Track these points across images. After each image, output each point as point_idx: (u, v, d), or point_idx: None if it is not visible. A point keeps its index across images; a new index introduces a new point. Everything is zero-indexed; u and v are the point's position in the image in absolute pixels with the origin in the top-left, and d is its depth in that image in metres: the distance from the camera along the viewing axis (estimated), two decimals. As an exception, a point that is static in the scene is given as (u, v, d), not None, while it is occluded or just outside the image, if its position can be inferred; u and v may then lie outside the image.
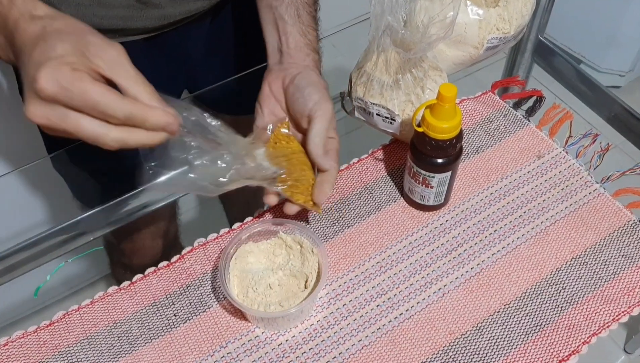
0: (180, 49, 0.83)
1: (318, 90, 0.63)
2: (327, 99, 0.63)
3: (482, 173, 0.73)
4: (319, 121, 0.62)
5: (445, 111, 0.59)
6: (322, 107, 0.62)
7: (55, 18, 0.48)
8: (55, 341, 0.61)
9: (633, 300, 0.62)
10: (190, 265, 0.66)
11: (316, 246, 0.62)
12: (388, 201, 0.71)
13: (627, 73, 1.80)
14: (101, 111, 0.45)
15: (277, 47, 0.67)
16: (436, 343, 0.60)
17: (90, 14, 0.67)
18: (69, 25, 0.48)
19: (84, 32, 0.47)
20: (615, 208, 0.69)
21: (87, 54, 0.45)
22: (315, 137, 0.62)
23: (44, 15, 0.48)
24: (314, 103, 0.62)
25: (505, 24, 0.73)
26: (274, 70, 0.67)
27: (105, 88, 0.45)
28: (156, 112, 0.47)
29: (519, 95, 0.81)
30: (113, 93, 0.45)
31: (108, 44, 0.47)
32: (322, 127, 0.62)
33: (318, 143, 0.62)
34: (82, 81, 0.44)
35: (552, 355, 0.59)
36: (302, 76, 0.64)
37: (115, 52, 0.47)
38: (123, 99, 0.45)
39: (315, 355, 0.60)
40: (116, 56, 0.47)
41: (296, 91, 0.64)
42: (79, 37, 0.46)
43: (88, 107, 0.44)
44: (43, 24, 0.47)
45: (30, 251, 0.69)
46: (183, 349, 0.60)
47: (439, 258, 0.66)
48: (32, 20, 0.48)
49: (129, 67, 0.47)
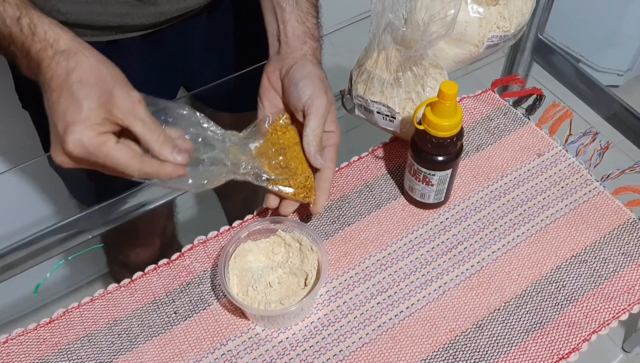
0: (177, 46, 0.83)
1: (312, 83, 0.62)
2: (320, 92, 0.62)
3: (482, 171, 0.73)
4: (312, 118, 0.61)
5: (447, 108, 0.59)
6: (315, 103, 0.61)
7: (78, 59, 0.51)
8: (55, 338, 0.61)
9: (633, 298, 0.62)
10: (191, 262, 0.66)
11: (316, 244, 0.62)
12: (388, 199, 0.71)
13: (626, 72, 1.80)
14: (121, 171, 0.52)
15: (276, 36, 0.67)
16: (437, 341, 0.60)
17: (86, 11, 0.67)
18: (92, 72, 0.52)
19: (106, 81, 0.52)
20: (615, 206, 0.70)
21: (107, 105, 0.51)
22: (308, 134, 0.62)
23: (66, 50, 0.52)
24: (307, 98, 0.62)
25: (506, 22, 0.73)
26: (272, 61, 0.67)
27: (124, 151, 0.51)
28: (167, 169, 0.53)
29: (519, 93, 0.81)
30: (131, 156, 0.52)
31: (126, 94, 0.52)
32: (316, 124, 0.62)
33: (311, 140, 0.62)
34: (105, 145, 0.51)
35: (552, 353, 0.59)
36: (296, 68, 0.63)
37: (131, 102, 0.52)
38: (140, 160, 0.52)
39: (315, 352, 0.60)
40: (132, 106, 0.52)
41: (290, 84, 0.63)
42: (101, 88, 0.51)
43: (110, 167, 0.52)
44: (67, 68, 0.51)
45: (30, 248, 0.69)
46: (183, 347, 0.60)
47: (440, 256, 0.66)
48: (55, 56, 0.51)
49: (143, 116, 0.52)
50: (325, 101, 0.62)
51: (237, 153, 0.61)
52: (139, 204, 0.76)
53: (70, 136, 0.50)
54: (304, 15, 0.67)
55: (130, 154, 0.52)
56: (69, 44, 0.52)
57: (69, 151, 0.51)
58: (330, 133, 0.65)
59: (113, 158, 0.51)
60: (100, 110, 0.51)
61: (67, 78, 0.51)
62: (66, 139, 0.50)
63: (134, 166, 0.52)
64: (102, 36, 0.71)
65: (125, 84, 0.53)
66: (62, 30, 0.53)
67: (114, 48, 0.73)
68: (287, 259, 0.64)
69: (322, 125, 0.62)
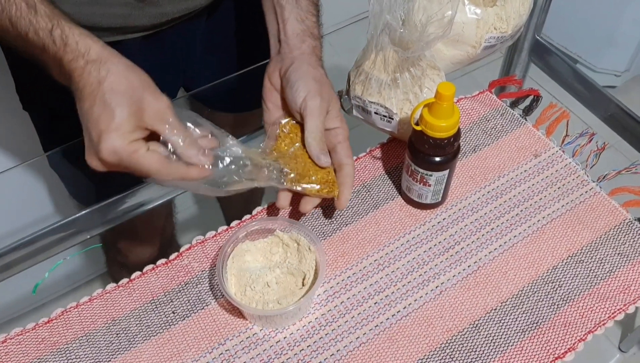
0: (178, 47, 0.83)
1: (305, 84, 0.62)
2: (314, 93, 0.62)
3: (479, 172, 0.74)
4: (309, 119, 0.62)
5: (444, 109, 0.59)
6: (309, 104, 0.61)
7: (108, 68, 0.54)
8: (53, 338, 0.61)
9: (629, 298, 0.63)
10: (189, 262, 0.66)
11: (313, 244, 0.62)
12: (386, 199, 0.71)
13: (623, 73, 1.81)
14: (151, 177, 0.55)
15: (277, 36, 0.67)
16: (433, 341, 0.60)
17: (88, 12, 0.67)
18: (122, 80, 0.54)
19: (136, 88, 0.54)
20: (611, 206, 0.70)
21: (138, 112, 0.53)
22: (307, 137, 0.62)
23: (97, 59, 0.54)
24: (301, 100, 0.62)
25: (503, 23, 0.73)
26: (272, 61, 0.67)
27: (155, 159, 0.54)
28: (193, 172, 0.56)
29: (516, 94, 0.81)
30: (161, 163, 0.54)
31: (156, 99, 0.55)
32: (313, 125, 0.62)
33: (310, 142, 0.62)
34: (137, 153, 0.53)
35: (548, 353, 0.59)
36: (293, 69, 0.63)
37: (160, 107, 0.55)
38: (167, 166, 0.55)
39: (313, 352, 0.60)
40: (160, 111, 0.54)
41: (287, 86, 0.64)
42: (132, 95, 0.54)
43: (141, 173, 0.55)
44: (98, 77, 0.53)
45: (29, 248, 0.69)
46: (181, 346, 0.60)
47: (437, 256, 0.66)
48: (86, 65, 0.54)
49: (171, 120, 0.55)
50: (319, 101, 0.62)
51: (258, 158, 0.63)
52: (137, 204, 0.76)
53: (104, 144, 0.52)
54: (304, 13, 0.67)
55: (160, 161, 0.55)
56: (99, 53, 0.54)
57: (103, 158, 0.53)
58: (336, 129, 0.64)
59: (144, 165, 0.54)
60: (131, 118, 0.53)
61: (99, 87, 0.53)
62: (100, 147, 0.52)
63: (162, 171, 0.55)
64: (104, 37, 0.71)
65: (154, 90, 0.55)
66: (93, 40, 0.55)
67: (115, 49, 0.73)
68: (284, 259, 0.65)
69: (320, 125, 0.62)
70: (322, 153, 0.63)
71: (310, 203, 0.64)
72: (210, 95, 0.92)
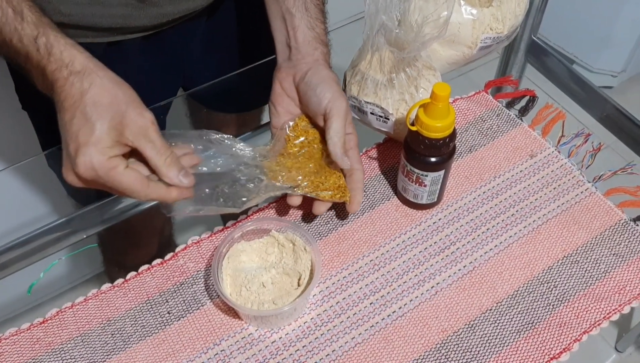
0: (178, 48, 0.83)
1: (330, 86, 0.63)
2: (340, 95, 0.64)
3: (475, 172, 0.74)
4: (335, 120, 0.62)
5: (439, 110, 0.59)
6: (336, 105, 0.63)
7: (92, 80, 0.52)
8: (48, 338, 0.61)
9: (624, 298, 0.63)
10: (184, 262, 0.66)
11: (309, 244, 0.62)
12: (382, 199, 0.71)
13: (620, 73, 1.81)
14: (128, 195, 0.54)
15: (286, 42, 0.67)
16: (429, 341, 0.60)
17: (88, 13, 0.67)
18: (105, 93, 0.52)
19: (119, 102, 0.52)
20: (607, 207, 0.70)
21: (119, 127, 0.52)
22: (333, 136, 0.62)
23: (81, 71, 0.52)
24: (327, 101, 0.63)
25: (499, 23, 0.73)
26: (283, 67, 0.67)
27: (133, 177, 0.53)
28: (172, 194, 0.55)
29: (512, 95, 0.81)
30: (139, 182, 0.53)
31: (139, 115, 0.53)
32: (339, 126, 0.63)
33: (337, 142, 0.62)
34: (114, 170, 0.52)
35: (543, 353, 0.59)
36: (312, 73, 0.64)
37: (143, 123, 0.53)
38: (147, 185, 0.53)
39: (308, 352, 0.60)
40: (143, 127, 0.53)
41: (308, 89, 0.64)
42: (114, 109, 0.52)
43: (118, 191, 0.53)
44: (81, 89, 0.52)
45: (24, 248, 0.69)
46: (176, 346, 0.60)
47: (432, 256, 0.66)
48: (69, 76, 0.52)
49: (153, 137, 0.53)
50: (345, 103, 0.64)
51: (271, 166, 0.63)
52: (134, 204, 0.76)
53: (81, 158, 0.51)
54: (313, 20, 0.68)
55: (138, 180, 0.53)
56: (84, 64, 0.53)
57: (79, 172, 0.52)
58: (349, 135, 0.65)
59: (121, 183, 0.52)
60: (112, 132, 0.51)
61: (81, 99, 0.51)
62: (77, 161, 0.51)
63: (141, 191, 0.53)
64: (104, 38, 0.71)
65: (138, 105, 0.53)
66: (78, 50, 0.53)
67: (115, 49, 0.73)
68: (280, 259, 0.65)
69: (344, 126, 0.63)
70: (345, 154, 0.63)
71: (324, 206, 0.65)
72: (208, 95, 0.92)
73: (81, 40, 0.70)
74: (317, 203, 0.65)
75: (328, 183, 0.64)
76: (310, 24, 0.67)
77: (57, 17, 0.65)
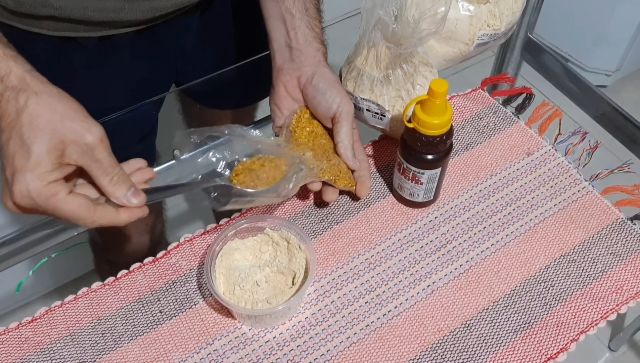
0: (171, 42, 0.82)
1: (338, 91, 0.65)
2: (348, 98, 0.65)
3: (471, 170, 0.73)
4: (345, 124, 0.64)
5: (436, 106, 0.58)
6: (345, 109, 0.64)
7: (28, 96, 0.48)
8: (37, 338, 0.60)
9: (621, 298, 0.62)
10: (177, 260, 0.65)
11: (304, 242, 0.61)
12: (377, 197, 0.71)
13: (614, 73, 1.81)
14: (72, 223, 0.49)
15: (286, 43, 0.67)
16: (425, 341, 0.60)
17: (80, 6, 0.66)
18: (42, 110, 0.47)
19: (61, 119, 0.48)
20: (604, 206, 0.70)
21: (60, 146, 0.47)
22: (344, 139, 0.64)
23: (17, 86, 0.48)
24: (337, 105, 0.64)
25: (496, 20, 0.73)
26: (285, 69, 0.67)
27: (76, 204, 0.48)
28: (122, 217, 0.51)
29: (509, 92, 0.81)
30: (84, 209, 0.49)
31: (85, 129, 0.48)
32: (349, 129, 0.65)
33: (347, 145, 0.65)
34: (54, 197, 0.47)
35: (540, 353, 0.59)
36: (319, 77, 0.65)
37: (91, 140, 0.48)
38: (93, 212, 0.49)
39: (303, 352, 0.59)
40: (89, 145, 0.48)
41: (317, 93, 0.65)
42: (54, 127, 0.47)
43: (60, 218, 0.49)
44: (17, 107, 0.47)
45: (12, 246, 0.68)
46: (169, 346, 0.59)
47: (428, 255, 0.66)
48: (5, 92, 0.48)
49: (99, 156, 0.49)
50: (352, 105, 0.65)
51: (290, 154, 0.64)
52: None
53: (17, 185, 0.47)
54: (312, 20, 0.68)
55: (83, 206, 0.49)
56: (20, 78, 0.48)
57: (15, 200, 0.48)
58: (354, 130, 0.67)
59: (63, 211, 0.48)
60: (51, 154, 0.47)
61: (17, 118, 0.47)
62: (13, 189, 0.47)
63: (87, 218, 0.49)
64: (95, 32, 0.70)
65: (84, 119, 0.49)
66: (17, 62, 0.49)
67: (106, 44, 0.72)
68: (274, 257, 0.64)
69: (352, 129, 0.65)
70: (355, 156, 0.66)
71: (335, 193, 0.66)
72: (202, 91, 0.91)
73: (72, 34, 0.69)
74: (330, 189, 0.66)
75: (337, 169, 0.65)
76: (309, 24, 0.67)
77: (47, 10, 0.64)
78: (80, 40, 0.70)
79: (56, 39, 0.69)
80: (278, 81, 0.68)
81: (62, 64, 0.72)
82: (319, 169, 0.63)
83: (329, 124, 0.66)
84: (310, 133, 0.67)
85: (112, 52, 0.74)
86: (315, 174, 0.63)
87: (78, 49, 0.71)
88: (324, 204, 0.70)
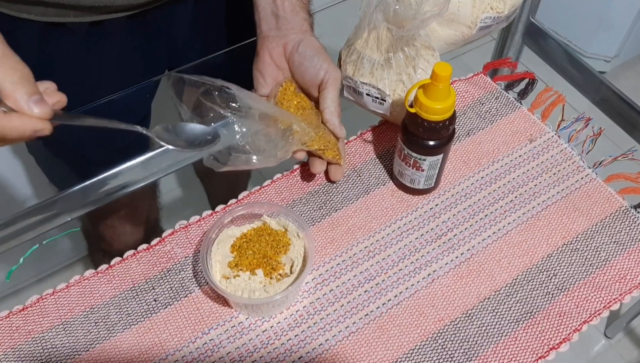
0: (164, 28, 0.80)
1: (325, 58, 0.65)
2: (334, 65, 0.65)
3: (473, 157, 0.72)
4: (331, 90, 0.64)
5: (440, 91, 0.57)
6: (333, 75, 0.64)
7: None
8: (28, 326, 0.58)
9: (624, 287, 0.61)
10: (171, 248, 0.64)
11: (302, 230, 0.60)
12: (377, 184, 0.69)
13: (613, 59, 1.80)
14: None
15: (272, 11, 0.67)
16: (425, 330, 0.59)
17: None
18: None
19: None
20: (607, 193, 0.68)
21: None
22: (330, 105, 0.64)
23: None
24: (325, 72, 0.64)
25: (500, 3, 0.71)
26: (271, 36, 0.67)
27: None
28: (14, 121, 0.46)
29: (511, 77, 0.79)
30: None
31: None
32: (336, 96, 0.65)
33: (334, 111, 0.65)
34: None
35: (542, 343, 0.58)
36: (305, 44, 0.65)
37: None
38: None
39: (301, 341, 0.58)
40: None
41: (304, 60, 0.65)
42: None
43: None
44: None
45: (3, 232, 0.66)
46: (163, 335, 0.58)
47: (429, 243, 0.64)
48: None
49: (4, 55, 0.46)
50: (340, 73, 0.66)
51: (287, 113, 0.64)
52: (120, 186, 0.73)
53: None
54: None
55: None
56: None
57: None
58: None
59: None
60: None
61: None
62: None
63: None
64: (86, 17, 0.68)
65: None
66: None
67: (98, 29, 0.70)
68: (272, 245, 0.62)
69: (338, 95, 0.66)
70: (341, 123, 0.65)
71: (322, 165, 0.66)
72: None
73: (62, 19, 0.67)
74: (317, 161, 0.66)
75: (326, 140, 0.64)
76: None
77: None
78: (70, 25, 0.68)
79: (45, 25, 0.67)
80: (263, 48, 0.67)
81: (52, 51, 0.70)
82: (309, 137, 0.63)
83: (315, 92, 0.66)
84: (297, 106, 0.66)
85: (103, 38, 0.72)
86: (309, 139, 0.62)
87: (68, 35, 0.69)
88: (322, 192, 0.68)
